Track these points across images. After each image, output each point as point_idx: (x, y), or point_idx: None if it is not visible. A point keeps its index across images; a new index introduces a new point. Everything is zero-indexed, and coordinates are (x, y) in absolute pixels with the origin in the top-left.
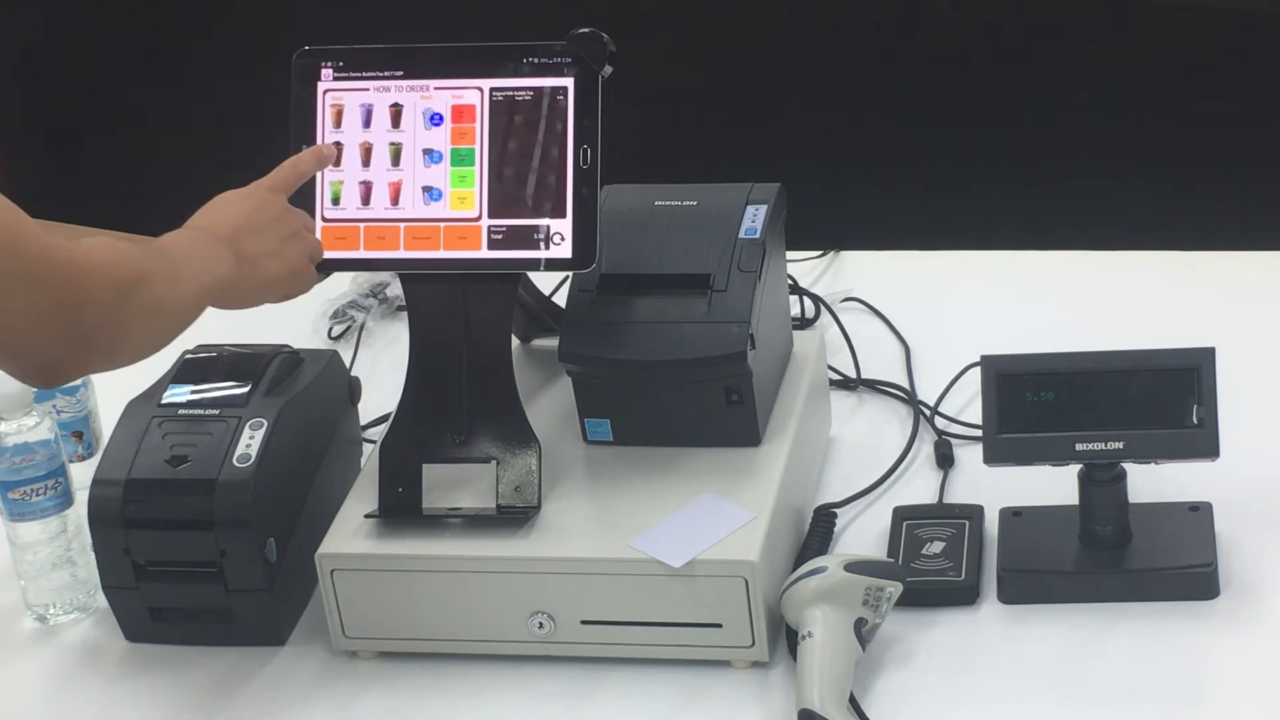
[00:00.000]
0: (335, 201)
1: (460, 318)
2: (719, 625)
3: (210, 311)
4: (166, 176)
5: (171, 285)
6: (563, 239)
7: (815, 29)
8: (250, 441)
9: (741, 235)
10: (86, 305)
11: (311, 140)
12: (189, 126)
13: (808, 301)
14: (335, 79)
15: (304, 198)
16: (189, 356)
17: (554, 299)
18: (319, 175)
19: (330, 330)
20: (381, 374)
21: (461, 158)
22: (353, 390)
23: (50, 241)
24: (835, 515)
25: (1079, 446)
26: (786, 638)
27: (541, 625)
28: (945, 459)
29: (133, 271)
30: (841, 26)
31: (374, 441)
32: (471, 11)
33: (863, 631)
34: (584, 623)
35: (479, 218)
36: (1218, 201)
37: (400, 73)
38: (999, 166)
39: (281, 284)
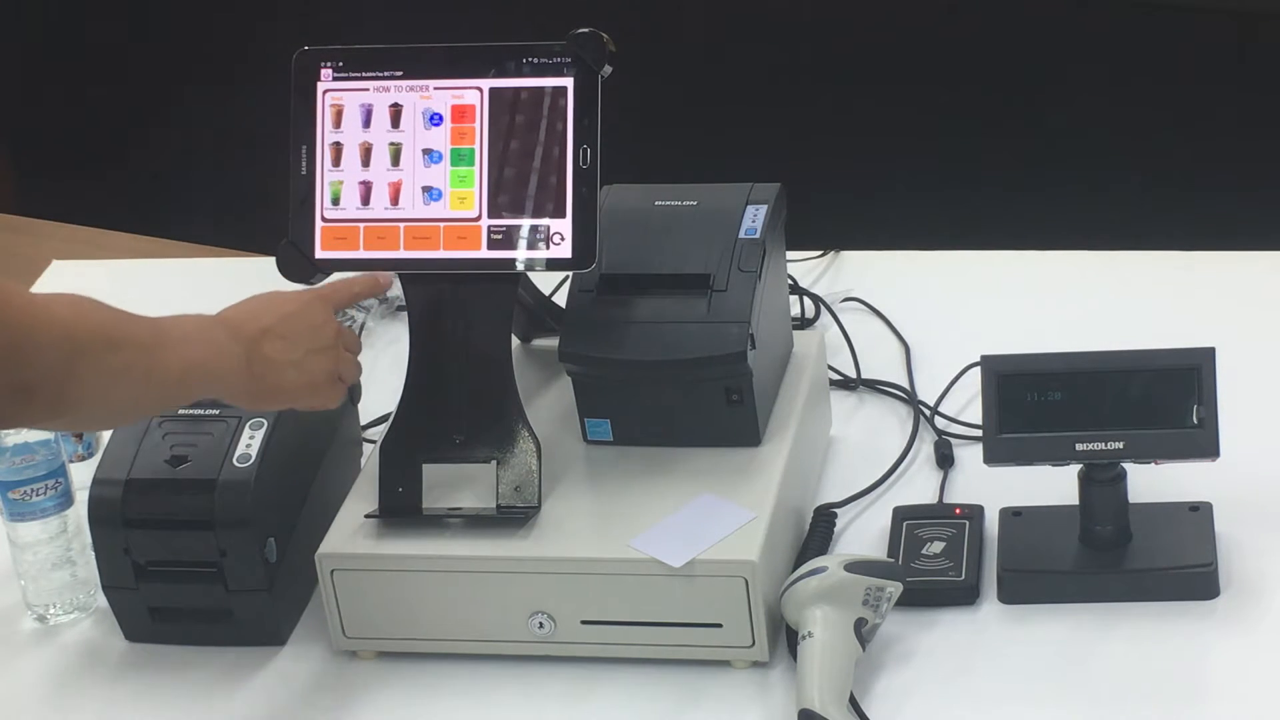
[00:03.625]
0: (335, 201)
1: (460, 318)
2: (719, 625)
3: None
4: (165, 177)
5: (149, 358)
6: (563, 239)
7: (816, 29)
8: (250, 441)
9: (741, 235)
10: (29, 354)
11: (311, 140)
12: (188, 126)
13: (808, 301)
14: (335, 79)
15: (305, 199)
16: None
17: (554, 299)
18: (319, 175)
19: None
20: (381, 374)
21: (461, 158)
22: (353, 390)
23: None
24: (835, 515)
25: (1079, 446)
26: (786, 638)
27: (541, 625)
28: (945, 459)
29: (97, 333)
30: (842, 26)
31: (374, 441)
32: (471, 11)
33: (863, 631)
34: (584, 623)
35: (479, 218)
36: (1218, 201)
37: (400, 73)
38: (999, 166)
39: (296, 395)
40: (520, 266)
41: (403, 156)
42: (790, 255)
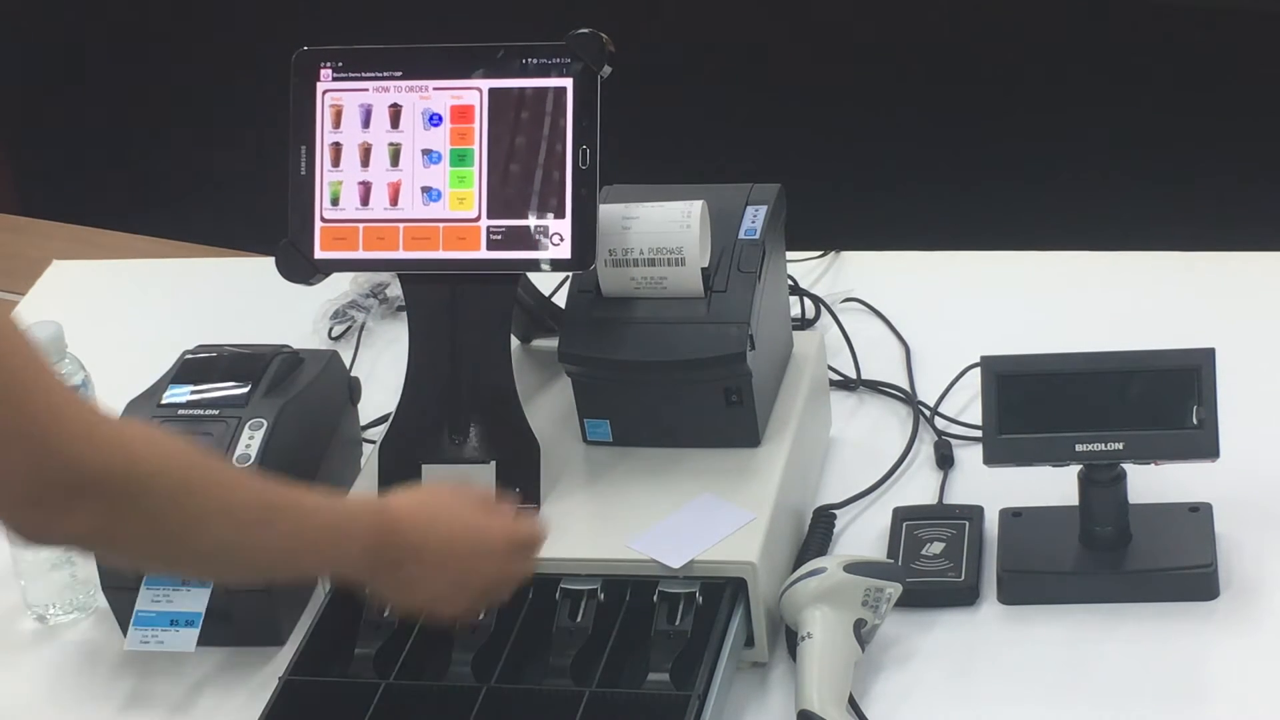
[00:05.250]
0: (334, 202)
1: (460, 318)
2: None
3: (208, 312)
4: (165, 177)
5: (229, 517)
6: (562, 239)
7: (815, 29)
8: (250, 441)
9: (741, 236)
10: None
11: (310, 140)
12: (188, 126)
13: (808, 301)
14: (334, 79)
15: (304, 199)
16: (189, 357)
17: (554, 299)
18: (318, 175)
19: (330, 330)
20: (381, 374)
21: (461, 158)
22: (353, 390)
23: (69, 415)
24: (835, 516)
25: (1079, 447)
26: (786, 638)
27: None
28: (945, 459)
29: (164, 467)
30: (842, 26)
31: (374, 441)
32: (471, 11)
33: (862, 632)
34: None
35: (478, 218)
36: (1218, 201)
37: (399, 73)
38: (999, 167)
39: (421, 606)
40: (520, 267)
41: (402, 157)
42: (790, 255)
